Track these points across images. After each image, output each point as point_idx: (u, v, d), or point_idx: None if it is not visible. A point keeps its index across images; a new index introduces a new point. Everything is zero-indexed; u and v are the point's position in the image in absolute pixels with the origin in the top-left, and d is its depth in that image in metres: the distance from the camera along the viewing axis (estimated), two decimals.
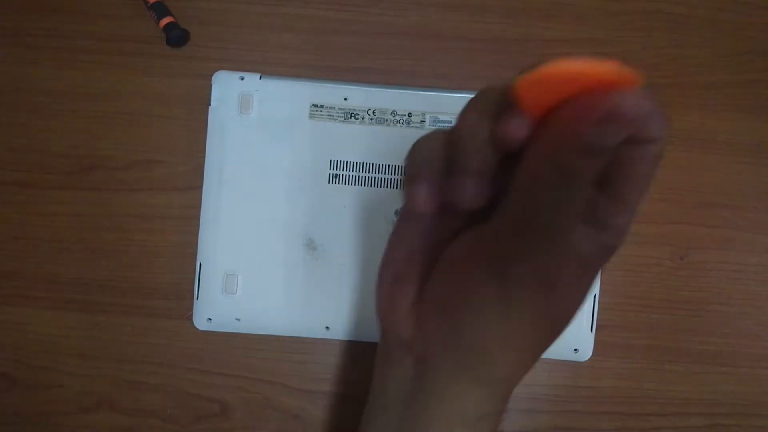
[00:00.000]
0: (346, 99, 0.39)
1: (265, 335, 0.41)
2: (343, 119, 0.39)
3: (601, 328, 0.42)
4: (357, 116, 0.39)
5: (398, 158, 0.39)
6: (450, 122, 0.39)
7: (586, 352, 0.40)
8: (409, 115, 0.39)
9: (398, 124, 0.39)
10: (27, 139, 0.42)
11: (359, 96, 0.40)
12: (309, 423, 0.41)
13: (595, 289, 0.40)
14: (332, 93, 0.40)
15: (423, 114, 0.39)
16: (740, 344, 0.42)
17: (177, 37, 0.42)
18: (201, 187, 0.42)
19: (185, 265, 0.42)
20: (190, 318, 0.41)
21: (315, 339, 0.41)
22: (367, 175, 0.39)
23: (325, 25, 0.43)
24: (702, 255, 0.42)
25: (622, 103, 0.15)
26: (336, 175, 0.39)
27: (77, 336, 0.41)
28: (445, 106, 0.40)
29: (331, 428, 0.41)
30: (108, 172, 0.42)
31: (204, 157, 0.42)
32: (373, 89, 0.40)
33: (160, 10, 0.42)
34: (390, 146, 0.39)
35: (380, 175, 0.39)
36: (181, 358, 0.41)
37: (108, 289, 0.42)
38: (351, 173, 0.39)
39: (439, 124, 0.39)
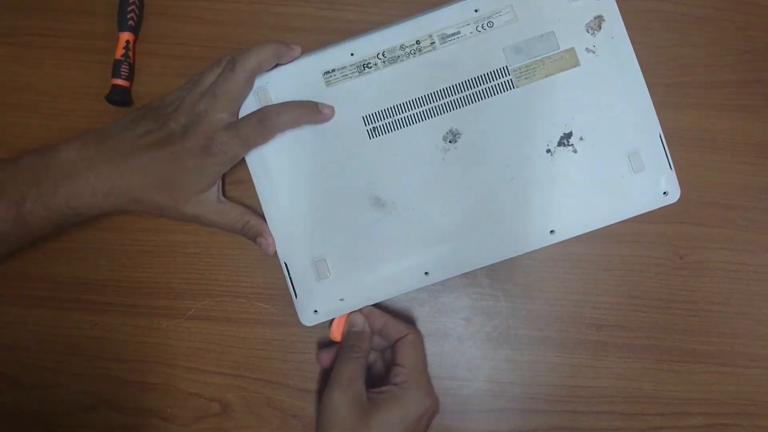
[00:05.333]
0: (352, 54, 0.39)
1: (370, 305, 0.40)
2: (358, 74, 0.39)
3: (601, 327, 0.42)
4: (369, 65, 0.39)
5: (425, 87, 0.39)
6: (457, 34, 0.39)
7: (674, 192, 0.39)
8: (418, 42, 0.38)
9: (411, 55, 0.39)
10: (27, 139, 0.42)
11: (364, 46, 0.39)
12: (309, 423, 0.41)
13: (658, 129, 0.39)
14: (338, 54, 0.39)
15: (430, 36, 0.39)
16: (740, 344, 0.42)
17: (114, 100, 0.41)
18: None
19: (185, 265, 0.42)
20: (191, 317, 0.41)
21: (412, 290, 0.40)
22: (401, 116, 0.39)
23: (317, 23, 0.43)
24: (702, 255, 0.42)
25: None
26: (374, 128, 0.39)
27: (77, 336, 0.41)
28: (447, 20, 0.39)
29: None
30: None
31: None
32: (373, 34, 0.40)
33: (116, 69, 0.41)
34: (412, 79, 0.39)
35: (414, 111, 0.39)
36: (181, 358, 0.41)
37: (108, 289, 0.42)
38: (386, 121, 0.39)
39: (449, 39, 0.39)
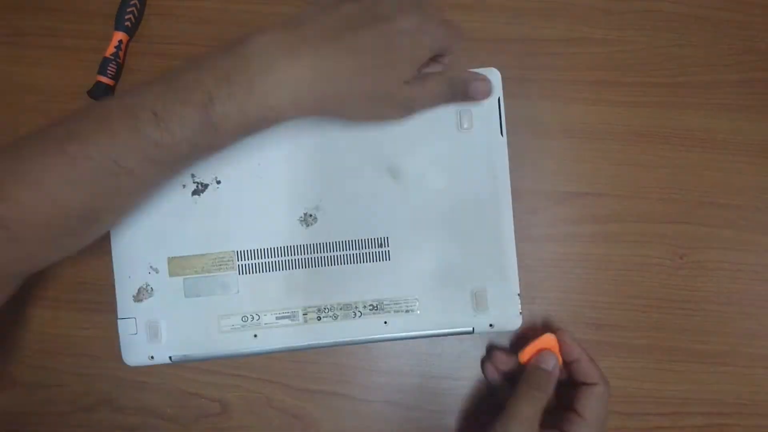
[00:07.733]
0: None
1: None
2: None
3: (601, 327, 0.42)
4: None
5: None
6: None
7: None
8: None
9: None
10: None
11: None
12: (309, 423, 0.41)
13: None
14: None
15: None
16: (740, 344, 0.42)
17: (96, 97, 0.41)
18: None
19: None
20: None
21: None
22: None
23: None
24: (702, 255, 0.42)
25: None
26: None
27: (77, 336, 0.41)
28: None
29: (331, 428, 0.41)
30: None
31: None
32: None
33: (104, 66, 0.42)
34: None
35: None
36: None
37: (108, 289, 0.42)
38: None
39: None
